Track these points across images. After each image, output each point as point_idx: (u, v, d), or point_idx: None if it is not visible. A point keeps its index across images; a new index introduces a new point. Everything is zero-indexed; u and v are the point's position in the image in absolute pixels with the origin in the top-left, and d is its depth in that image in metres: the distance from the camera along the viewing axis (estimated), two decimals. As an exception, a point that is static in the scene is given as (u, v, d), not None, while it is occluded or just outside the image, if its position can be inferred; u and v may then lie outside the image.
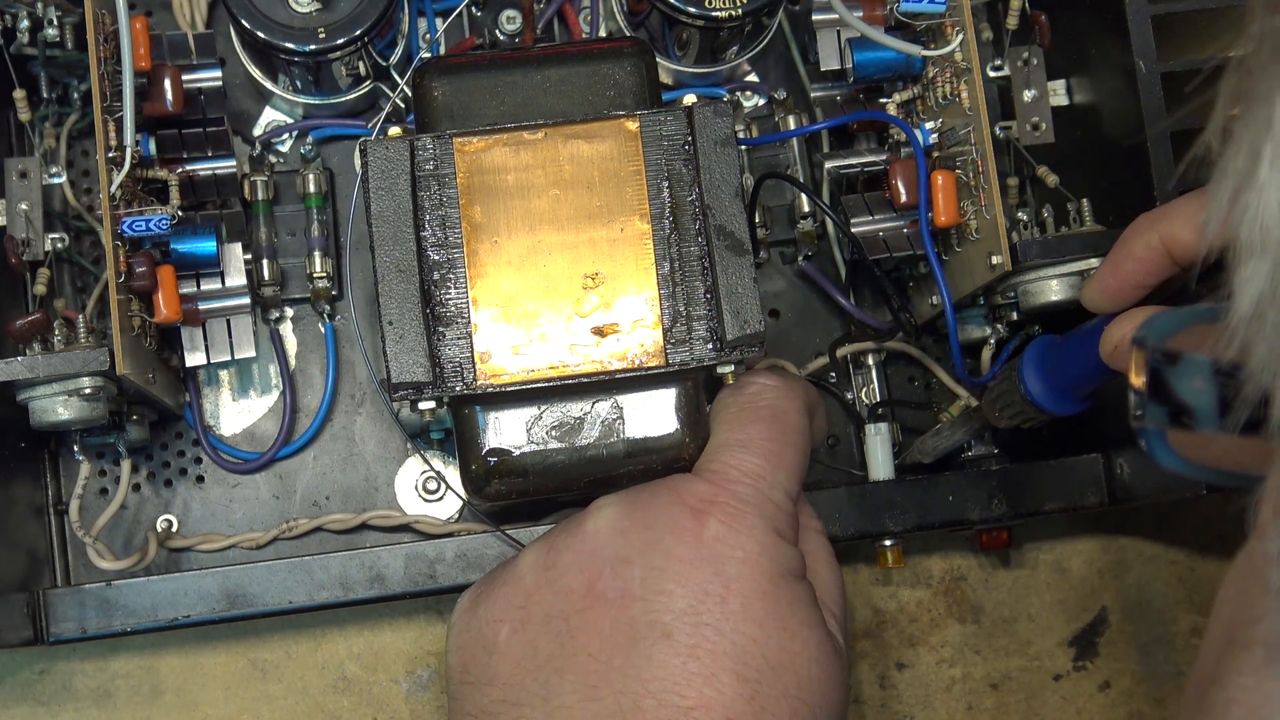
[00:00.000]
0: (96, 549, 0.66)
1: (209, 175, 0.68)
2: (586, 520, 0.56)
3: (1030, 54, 0.70)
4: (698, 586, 0.52)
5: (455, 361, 0.58)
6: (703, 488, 0.55)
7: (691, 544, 0.53)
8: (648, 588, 0.53)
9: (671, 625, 0.52)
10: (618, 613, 0.53)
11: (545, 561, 0.55)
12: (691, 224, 0.59)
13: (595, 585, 0.54)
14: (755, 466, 0.56)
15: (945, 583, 0.73)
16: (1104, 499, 0.67)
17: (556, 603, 0.54)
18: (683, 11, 0.65)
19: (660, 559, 0.53)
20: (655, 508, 0.55)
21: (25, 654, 0.70)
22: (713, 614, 0.52)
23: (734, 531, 0.54)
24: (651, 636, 0.52)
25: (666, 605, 0.52)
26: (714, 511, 0.54)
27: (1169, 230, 0.54)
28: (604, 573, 0.54)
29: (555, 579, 0.55)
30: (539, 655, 0.54)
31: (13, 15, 0.66)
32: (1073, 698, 0.73)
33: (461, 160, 0.59)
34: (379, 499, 0.71)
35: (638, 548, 0.54)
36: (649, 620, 0.52)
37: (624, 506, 0.55)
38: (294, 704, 0.71)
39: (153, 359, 0.65)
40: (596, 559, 0.54)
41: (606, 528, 0.55)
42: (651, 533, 0.54)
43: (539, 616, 0.54)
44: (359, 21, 0.65)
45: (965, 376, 0.67)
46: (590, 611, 0.53)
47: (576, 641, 0.53)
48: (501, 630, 0.55)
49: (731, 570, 0.53)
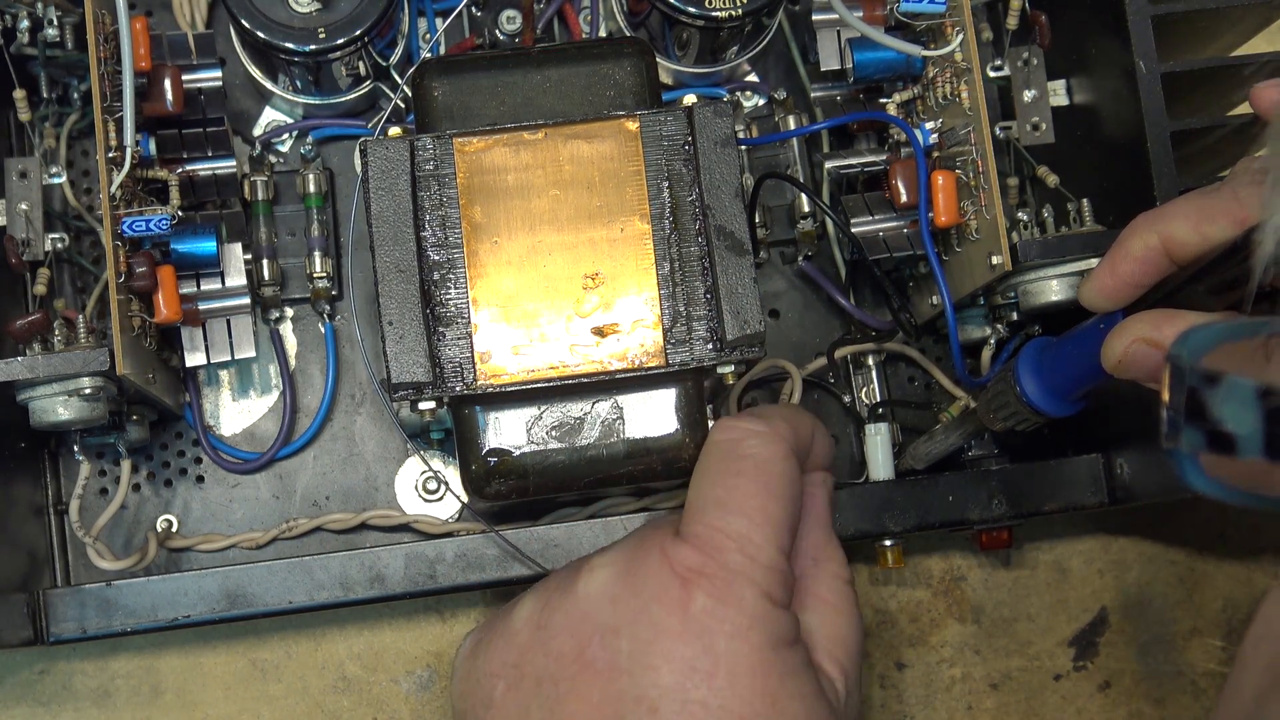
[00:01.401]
0: (96, 549, 0.66)
1: (209, 175, 0.68)
2: (579, 580, 0.55)
3: (1030, 54, 0.70)
4: (685, 662, 0.52)
5: (455, 361, 0.58)
6: (691, 556, 0.53)
7: (679, 616, 0.52)
8: (634, 661, 0.52)
9: (658, 701, 0.51)
10: (605, 684, 0.52)
11: (539, 620, 0.55)
12: (691, 224, 0.59)
13: (585, 652, 0.53)
14: (741, 528, 0.54)
15: (945, 583, 0.73)
16: (1104, 499, 0.67)
17: (548, 665, 0.54)
18: (683, 11, 0.65)
19: (648, 631, 0.52)
20: (645, 573, 0.54)
21: (25, 654, 0.70)
22: (700, 690, 0.51)
23: (722, 604, 0.52)
24: (638, 712, 0.51)
25: (653, 681, 0.52)
26: (701, 583, 0.53)
27: (1168, 230, 0.54)
28: (593, 640, 0.53)
29: (547, 640, 0.54)
30: (530, 717, 0.54)
31: (13, 15, 0.66)
32: (1073, 698, 0.73)
33: (461, 160, 0.59)
34: (379, 499, 0.71)
35: (626, 617, 0.53)
36: (636, 695, 0.52)
37: (616, 569, 0.54)
38: (294, 704, 0.71)
39: (153, 359, 0.65)
40: (587, 624, 0.54)
41: (598, 592, 0.54)
42: (639, 601, 0.53)
43: (531, 677, 0.54)
44: (359, 21, 0.65)
45: (965, 377, 0.67)
46: (579, 679, 0.53)
47: (565, 708, 0.53)
48: (498, 686, 0.55)
49: (720, 645, 0.52)
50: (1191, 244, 0.53)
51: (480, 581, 0.65)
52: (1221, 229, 0.52)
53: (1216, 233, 0.52)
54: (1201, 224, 0.53)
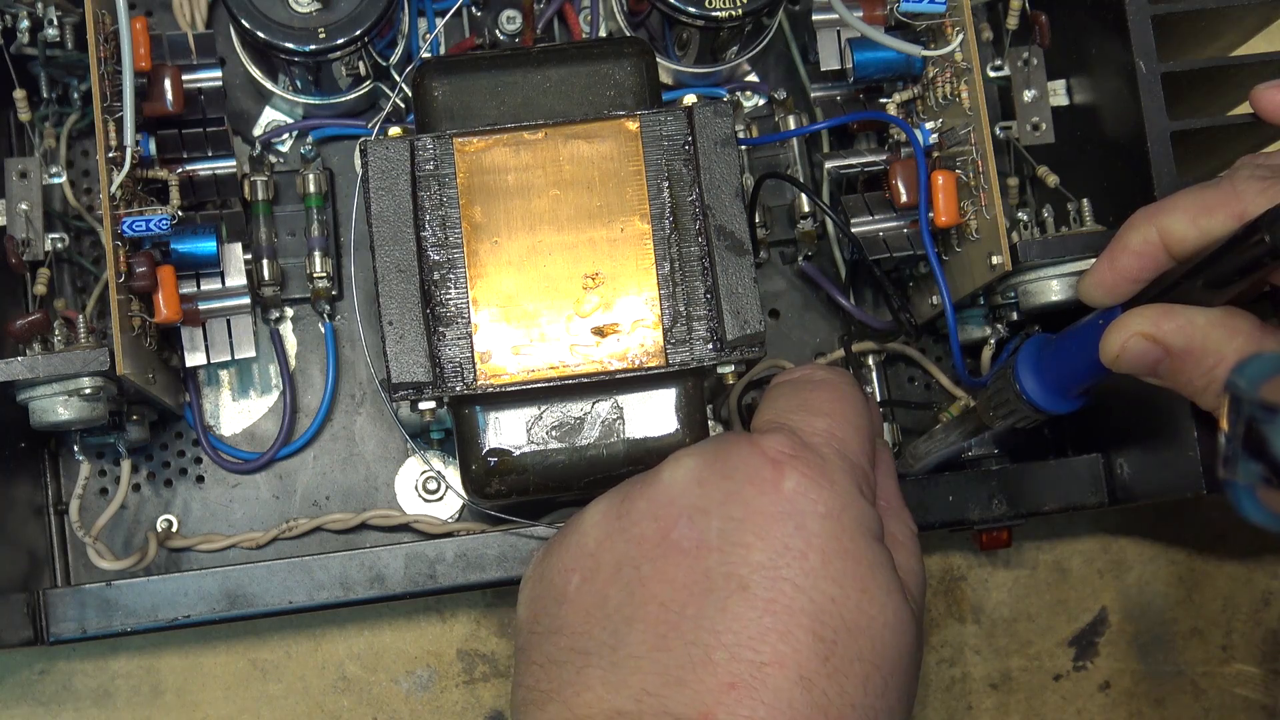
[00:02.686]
0: (96, 549, 0.66)
1: (209, 175, 0.68)
2: (663, 470, 0.54)
3: (1030, 54, 0.70)
4: (778, 540, 0.51)
5: (455, 361, 0.58)
6: (782, 440, 0.53)
7: (772, 496, 0.52)
8: (725, 539, 0.51)
9: (749, 578, 0.50)
10: (693, 562, 0.51)
11: (618, 510, 0.54)
12: (691, 224, 0.59)
13: (669, 534, 0.52)
14: (825, 425, 0.54)
15: (945, 583, 0.73)
16: (1104, 499, 0.67)
17: (628, 551, 0.53)
18: (683, 11, 0.65)
19: (739, 510, 0.52)
20: (735, 458, 0.53)
21: (25, 654, 0.70)
22: (792, 569, 0.50)
23: (816, 485, 0.52)
24: (727, 588, 0.50)
25: (744, 558, 0.51)
26: (795, 464, 0.52)
27: (1166, 225, 0.54)
28: (679, 522, 0.52)
29: (628, 527, 0.53)
30: (608, 604, 0.52)
31: (13, 15, 0.66)
32: (1073, 698, 0.73)
33: (461, 160, 0.59)
34: (379, 499, 0.71)
35: (717, 498, 0.52)
36: (725, 572, 0.51)
37: (702, 457, 0.54)
38: (294, 704, 0.71)
39: (153, 359, 0.65)
40: (672, 508, 0.52)
41: (684, 477, 0.53)
42: (731, 483, 0.52)
43: (609, 564, 0.53)
44: (359, 21, 0.65)
45: (965, 377, 0.67)
46: (663, 560, 0.52)
47: (648, 590, 0.51)
48: (572, 579, 0.54)
49: (813, 526, 0.51)
50: (1190, 238, 0.53)
51: (480, 581, 0.65)
52: (1220, 223, 0.52)
53: (1215, 227, 0.52)
54: (1200, 218, 0.53)
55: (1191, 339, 0.52)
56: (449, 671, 0.71)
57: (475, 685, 0.71)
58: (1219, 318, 0.52)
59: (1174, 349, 0.52)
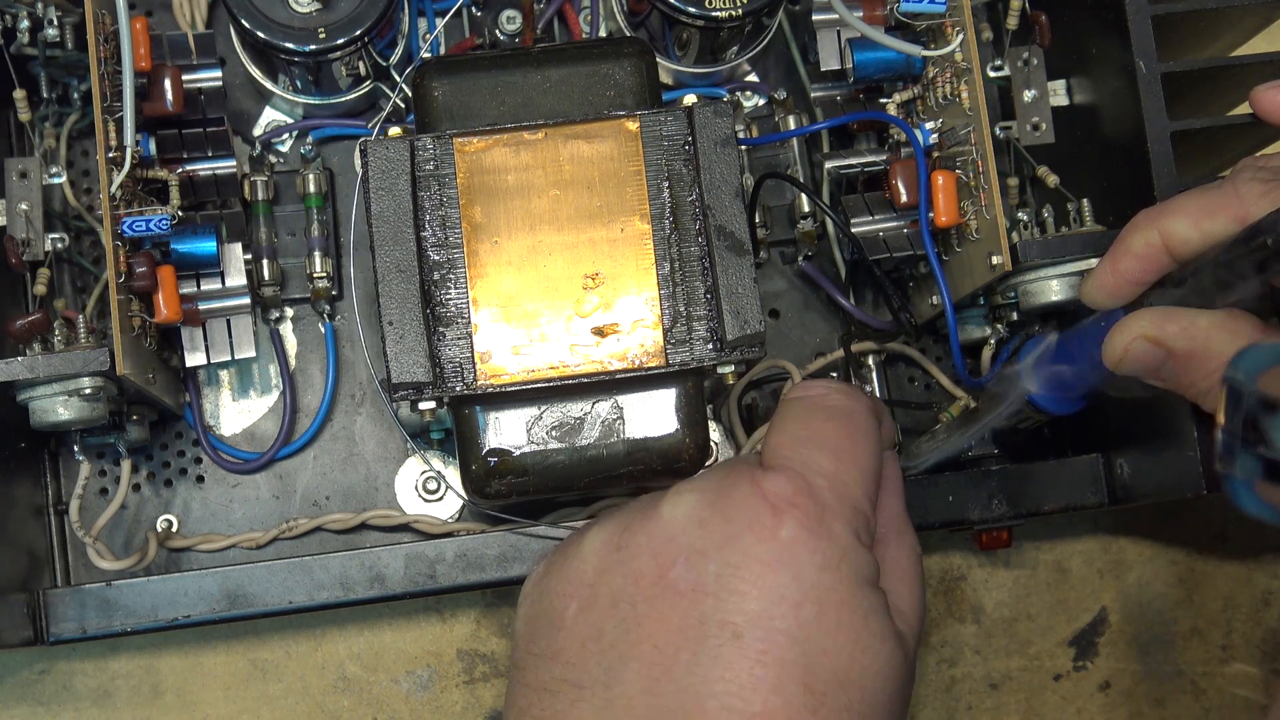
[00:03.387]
0: (96, 549, 0.66)
1: (209, 175, 0.68)
2: (664, 504, 0.54)
3: (1030, 54, 0.70)
4: (773, 589, 0.51)
5: (455, 361, 0.58)
6: (783, 485, 0.53)
7: (770, 544, 0.51)
8: (721, 584, 0.51)
9: (743, 627, 0.51)
10: (689, 606, 0.51)
11: (618, 541, 0.54)
12: (691, 224, 0.59)
13: (667, 574, 0.52)
14: (831, 466, 0.54)
15: (945, 583, 0.73)
16: (1104, 499, 0.67)
17: (625, 586, 0.53)
18: (683, 11, 0.65)
19: (737, 556, 0.51)
20: (735, 499, 0.53)
21: (25, 654, 0.70)
22: (786, 620, 0.51)
23: (813, 535, 0.52)
24: (721, 636, 0.51)
25: (739, 606, 0.51)
26: (793, 512, 0.52)
27: (1168, 227, 0.54)
28: (677, 562, 0.52)
29: (626, 560, 0.53)
30: (604, 638, 0.52)
31: (13, 15, 0.66)
32: (1073, 698, 0.73)
33: (461, 160, 0.59)
34: (379, 499, 0.71)
35: (715, 541, 0.52)
36: (720, 619, 0.51)
37: (704, 495, 0.53)
38: (294, 704, 0.71)
39: (153, 359, 0.65)
40: (671, 546, 0.52)
41: (684, 515, 0.53)
42: (731, 527, 0.52)
43: (606, 597, 0.53)
44: (359, 21, 0.65)
45: (965, 377, 0.67)
46: (660, 600, 0.52)
47: (643, 629, 0.52)
48: (570, 606, 0.54)
49: (809, 576, 0.51)
50: (1192, 241, 0.53)
51: (480, 581, 0.65)
52: (1222, 226, 0.52)
53: (1217, 230, 0.52)
54: (1202, 221, 0.53)
55: (1194, 341, 0.52)
56: (449, 671, 0.71)
57: (475, 685, 0.71)
58: (1221, 320, 0.52)
59: (1176, 351, 0.52)
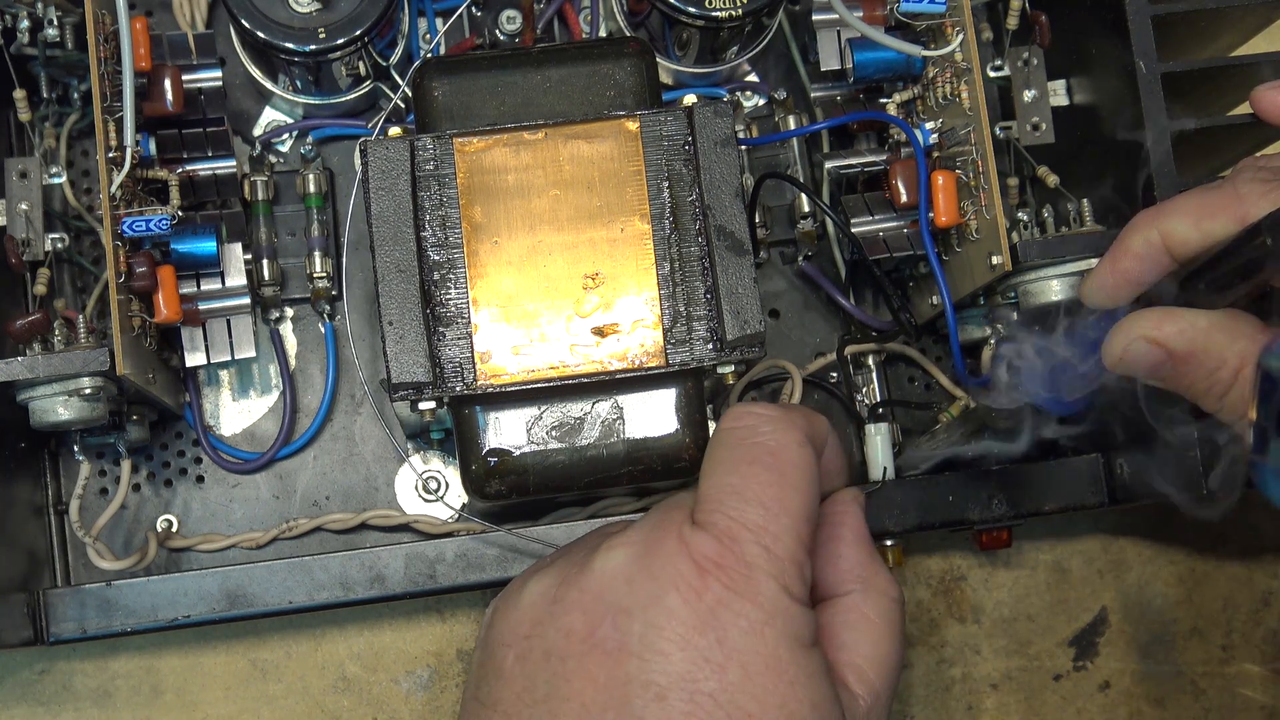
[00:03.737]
0: (96, 549, 0.66)
1: (209, 175, 0.68)
2: (596, 559, 0.54)
3: (1030, 54, 0.70)
4: (697, 652, 0.51)
5: (455, 361, 0.58)
6: (709, 545, 0.52)
7: (694, 606, 0.51)
8: (645, 645, 0.51)
9: (667, 689, 0.50)
10: (614, 666, 0.51)
11: (554, 594, 0.54)
12: (691, 224, 0.59)
13: (595, 631, 0.52)
14: (757, 518, 0.52)
15: (945, 583, 0.73)
16: (1104, 499, 0.67)
17: (557, 641, 0.53)
18: (683, 11, 0.65)
19: (661, 616, 0.51)
20: (662, 557, 0.52)
21: (25, 654, 0.70)
22: (710, 683, 0.50)
23: (738, 597, 0.51)
24: (645, 698, 0.50)
25: (663, 667, 0.51)
26: (719, 574, 0.51)
27: (1168, 227, 0.54)
28: (605, 620, 0.52)
29: (558, 615, 0.53)
30: (536, 691, 0.53)
31: (13, 15, 0.66)
32: (1073, 698, 0.73)
33: (461, 160, 0.59)
34: (379, 499, 0.71)
35: (641, 600, 0.52)
36: (644, 680, 0.51)
37: (633, 550, 0.53)
38: (294, 704, 0.71)
39: (153, 359, 0.65)
40: (600, 604, 0.53)
41: (613, 571, 0.53)
42: (656, 585, 0.52)
43: (540, 650, 0.53)
44: (359, 21, 0.65)
45: (965, 377, 0.67)
46: (587, 659, 0.52)
47: (571, 687, 0.52)
48: (508, 656, 0.54)
49: (734, 639, 0.51)
50: (1192, 241, 0.53)
51: (480, 581, 0.65)
52: (1222, 226, 0.52)
53: (1217, 230, 0.52)
54: (1202, 221, 0.53)
55: (1194, 342, 0.52)
56: (449, 671, 0.71)
57: (475, 685, 0.71)
58: (1221, 320, 0.52)
59: (1176, 352, 0.52)
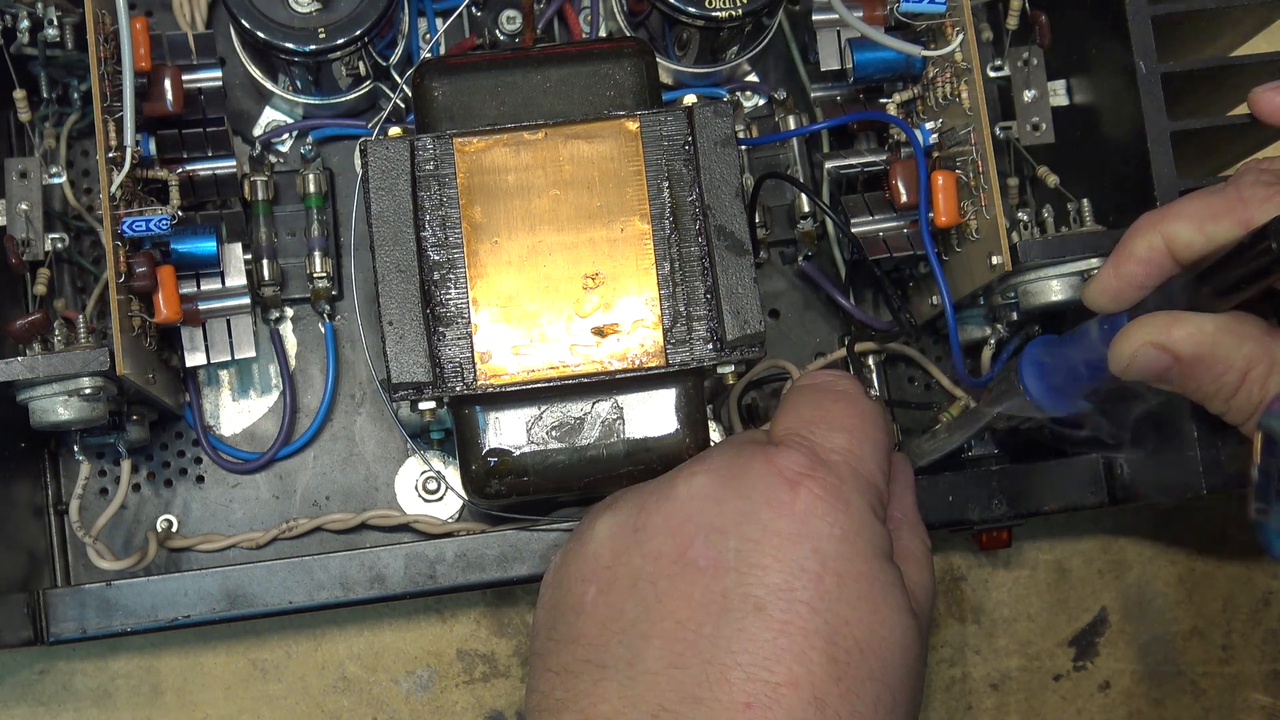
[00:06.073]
0: (96, 549, 0.66)
1: (209, 175, 0.68)
2: (678, 483, 0.54)
3: (1030, 54, 0.70)
4: (794, 562, 0.52)
5: (455, 361, 0.58)
6: (798, 458, 0.53)
7: (788, 518, 0.52)
8: (742, 559, 0.52)
9: (765, 599, 0.51)
10: (710, 581, 0.52)
11: (634, 522, 0.54)
12: (691, 224, 0.59)
13: (686, 552, 0.53)
14: (844, 442, 0.55)
15: (945, 583, 0.74)
16: (1104, 499, 0.67)
17: (644, 566, 0.53)
18: (683, 11, 0.65)
19: (756, 531, 0.52)
20: (751, 476, 0.53)
21: (25, 654, 0.70)
22: (807, 591, 0.51)
23: (831, 507, 0.53)
24: (744, 609, 0.51)
25: (761, 579, 0.51)
26: (810, 485, 0.53)
27: (1172, 231, 0.54)
28: (696, 540, 0.53)
29: (644, 541, 0.54)
30: (624, 618, 0.53)
31: (13, 15, 0.66)
32: (1073, 698, 0.73)
33: (461, 160, 0.59)
34: (379, 499, 0.71)
35: (733, 518, 0.53)
36: (742, 592, 0.51)
37: (718, 474, 0.54)
38: (294, 704, 0.71)
39: (153, 359, 0.65)
40: (689, 525, 0.53)
41: (700, 494, 0.54)
42: (748, 503, 0.53)
43: (626, 578, 0.53)
44: (359, 21, 0.65)
45: (965, 377, 0.67)
46: (680, 578, 0.52)
47: (664, 607, 0.52)
48: (589, 590, 0.54)
49: (828, 548, 0.52)
50: (1196, 245, 0.53)
51: (480, 581, 0.65)
52: (1226, 229, 0.52)
53: (1221, 233, 0.52)
54: (1205, 224, 0.53)
55: (1200, 346, 0.52)
56: (449, 671, 0.71)
57: (475, 685, 0.71)
58: (1227, 324, 0.52)
59: (1184, 356, 0.52)
